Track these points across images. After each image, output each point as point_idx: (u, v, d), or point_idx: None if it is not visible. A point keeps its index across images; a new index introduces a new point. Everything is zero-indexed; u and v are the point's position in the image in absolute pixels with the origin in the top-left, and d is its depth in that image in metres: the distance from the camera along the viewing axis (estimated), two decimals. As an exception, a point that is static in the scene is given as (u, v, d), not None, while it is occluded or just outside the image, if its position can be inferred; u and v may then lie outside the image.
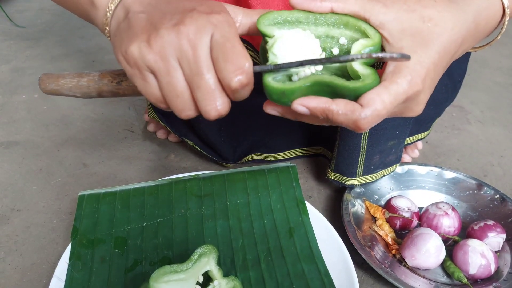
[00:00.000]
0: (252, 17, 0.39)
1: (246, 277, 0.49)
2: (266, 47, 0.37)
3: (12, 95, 0.89)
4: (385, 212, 0.60)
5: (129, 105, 0.87)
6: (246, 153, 0.67)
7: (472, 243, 0.54)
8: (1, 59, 1.04)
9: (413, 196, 0.65)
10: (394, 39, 0.36)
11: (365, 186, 0.64)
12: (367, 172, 0.62)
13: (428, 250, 0.53)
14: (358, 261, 0.55)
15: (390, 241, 0.57)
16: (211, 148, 0.67)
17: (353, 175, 0.61)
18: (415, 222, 0.59)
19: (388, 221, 0.60)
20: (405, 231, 0.60)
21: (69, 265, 0.49)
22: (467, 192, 0.65)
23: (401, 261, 0.55)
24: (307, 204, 0.57)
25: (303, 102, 0.35)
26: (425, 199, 0.65)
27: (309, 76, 0.35)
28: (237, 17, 0.39)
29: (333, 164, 0.63)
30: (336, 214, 0.63)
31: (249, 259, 0.51)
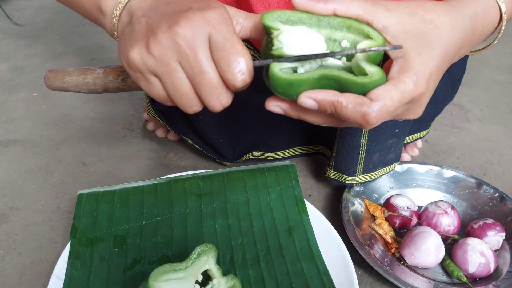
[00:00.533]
0: (254, 20, 0.39)
1: (245, 276, 0.49)
2: (270, 38, 0.37)
3: (11, 94, 0.89)
4: (384, 210, 0.60)
5: (128, 104, 0.87)
6: (245, 152, 0.67)
7: (471, 241, 0.54)
8: (0, 58, 1.04)
9: (413, 194, 0.65)
10: (397, 42, 0.36)
11: (364, 184, 0.64)
12: (366, 170, 0.62)
13: (427, 248, 0.53)
14: (357, 259, 0.55)
15: (389, 239, 0.57)
16: (211, 146, 0.67)
17: (353, 173, 0.61)
18: (415, 220, 0.59)
19: (387, 219, 0.60)
20: (404, 230, 0.60)
21: (68, 264, 0.49)
22: (467, 190, 0.65)
23: (401, 259, 0.55)
24: (306, 202, 0.57)
25: (310, 95, 0.34)
26: (424, 197, 0.65)
27: (317, 69, 0.35)
28: (239, 19, 0.39)
29: (332, 162, 0.63)
30: (335, 212, 0.63)
31: (249, 258, 0.51)
